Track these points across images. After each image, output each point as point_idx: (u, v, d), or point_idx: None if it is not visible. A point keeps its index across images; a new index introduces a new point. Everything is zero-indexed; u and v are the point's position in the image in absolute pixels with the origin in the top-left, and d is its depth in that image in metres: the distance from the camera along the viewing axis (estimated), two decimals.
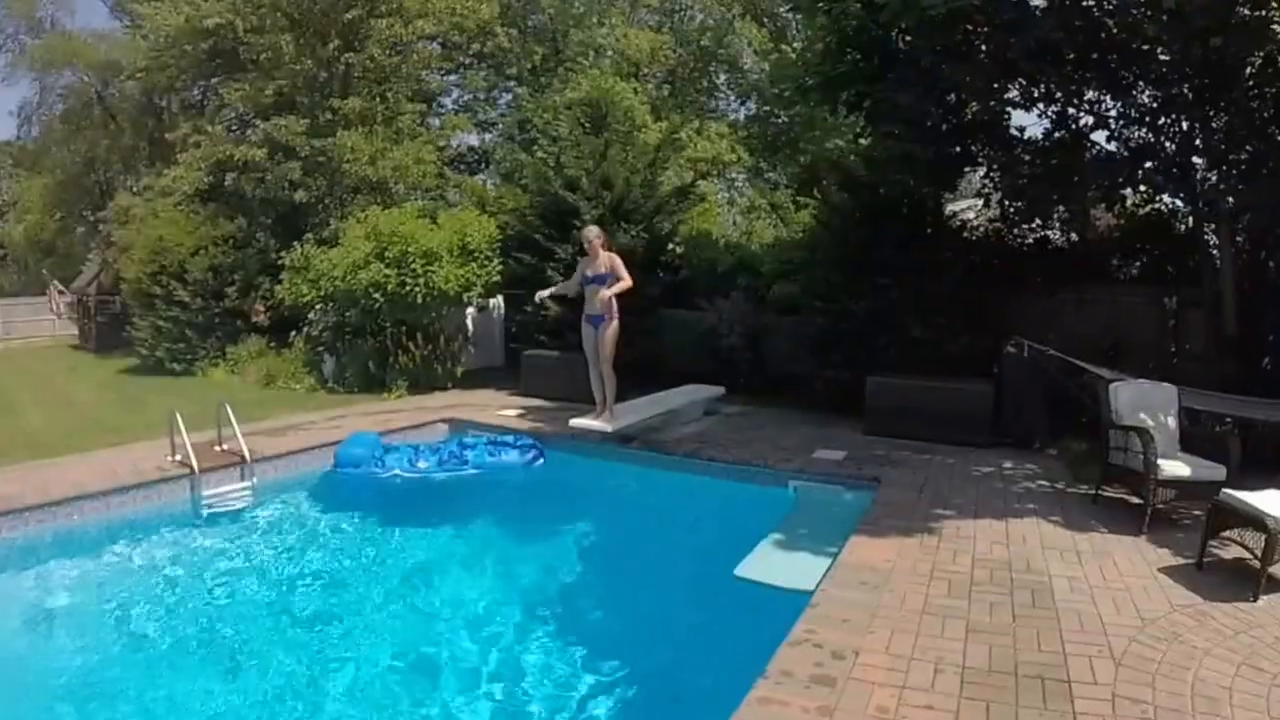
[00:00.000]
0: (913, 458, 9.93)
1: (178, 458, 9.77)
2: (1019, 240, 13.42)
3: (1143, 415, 8.00)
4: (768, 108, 27.34)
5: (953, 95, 10.90)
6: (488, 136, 29.46)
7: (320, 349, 18.26)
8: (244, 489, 9.76)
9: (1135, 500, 7.67)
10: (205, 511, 9.31)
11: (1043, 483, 8.95)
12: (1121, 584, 6.11)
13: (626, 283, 10.50)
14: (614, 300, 10.59)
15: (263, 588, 7.72)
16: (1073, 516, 7.71)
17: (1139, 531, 7.18)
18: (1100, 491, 8.21)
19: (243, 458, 9.90)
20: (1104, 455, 8.10)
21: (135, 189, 29.54)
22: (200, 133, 22.67)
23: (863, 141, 14.64)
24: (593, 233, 10.84)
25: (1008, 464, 9.65)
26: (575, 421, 11.01)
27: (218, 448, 10.22)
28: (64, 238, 40.89)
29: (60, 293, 39.20)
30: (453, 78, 28.97)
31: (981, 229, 13.76)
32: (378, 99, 21.98)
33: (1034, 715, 4.37)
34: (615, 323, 10.73)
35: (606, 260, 10.61)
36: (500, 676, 5.94)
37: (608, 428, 10.66)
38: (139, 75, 26.36)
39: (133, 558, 8.22)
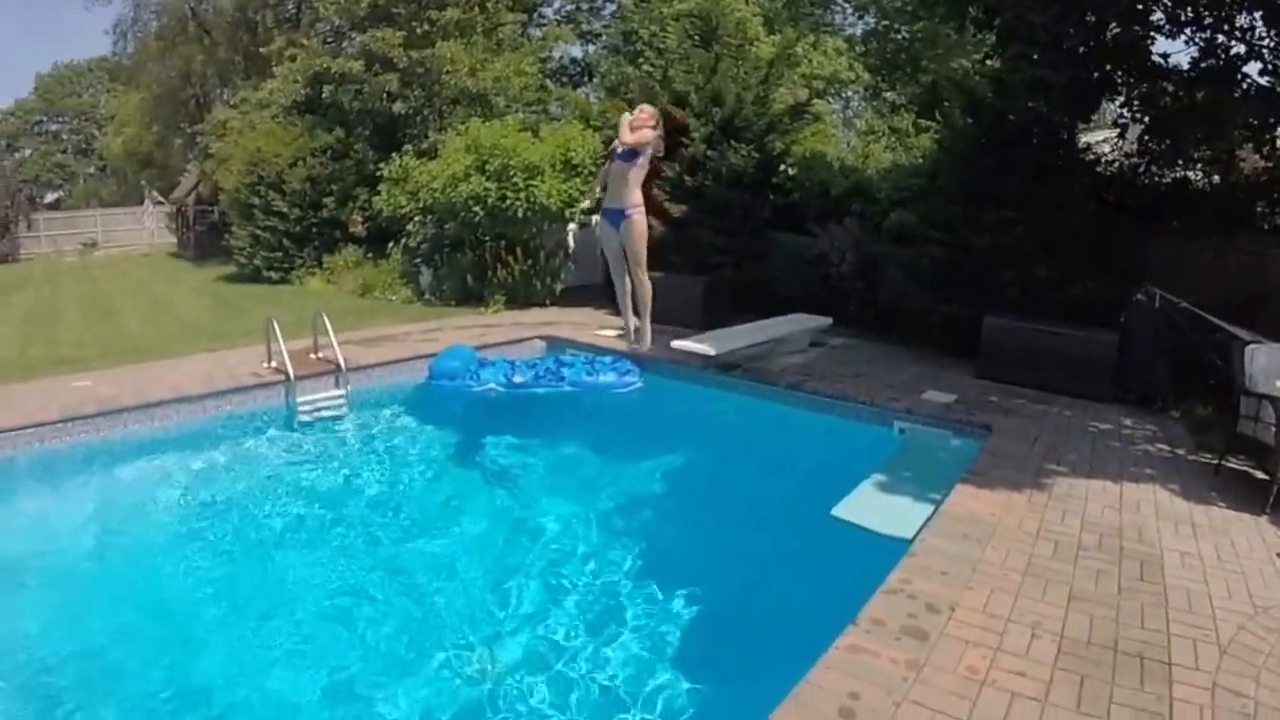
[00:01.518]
0: (1027, 406, 9.76)
1: (273, 364, 10.20)
2: (1156, 179, 12.71)
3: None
4: (887, 22, 26.45)
5: (1092, 15, 10.25)
6: (591, 49, 29.32)
7: (418, 261, 18.77)
8: (338, 397, 10.06)
9: (1261, 475, 7.41)
10: (300, 418, 9.65)
11: (1163, 446, 8.69)
12: (1237, 565, 5.96)
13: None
14: (639, 190, 8.63)
15: (354, 496, 8.03)
16: (1191, 487, 7.48)
17: (1262, 510, 6.88)
18: (1224, 462, 7.88)
19: (338, 366, 10.19)
20: (1232, 423, 7.75)
21: (231, 102, 30.33)
22: (295, 46, 23.41)
23: (991, 62, 14.16)
24: (648, 110, 8.73)
25: (1127, 422, 9.40)
26: (678, 343, 11.01)
27: (313, 356, 10.60)
28: (161, 150, 42.18)
29: (158, 203, 40.49)
30: None
31: (1116, 164, 13.10)
32: (476, 9, 21.99)
33: (1129, 696, 4.34)
34: (640, 216, 8.68)
35: (648, 135, 8.44)
36: (583, 599, 6.12)
37: (711, 350, 10.65)
38: None
39: (227, 461, 8.62)
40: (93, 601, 6.02)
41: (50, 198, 48.87)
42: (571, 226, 17.72)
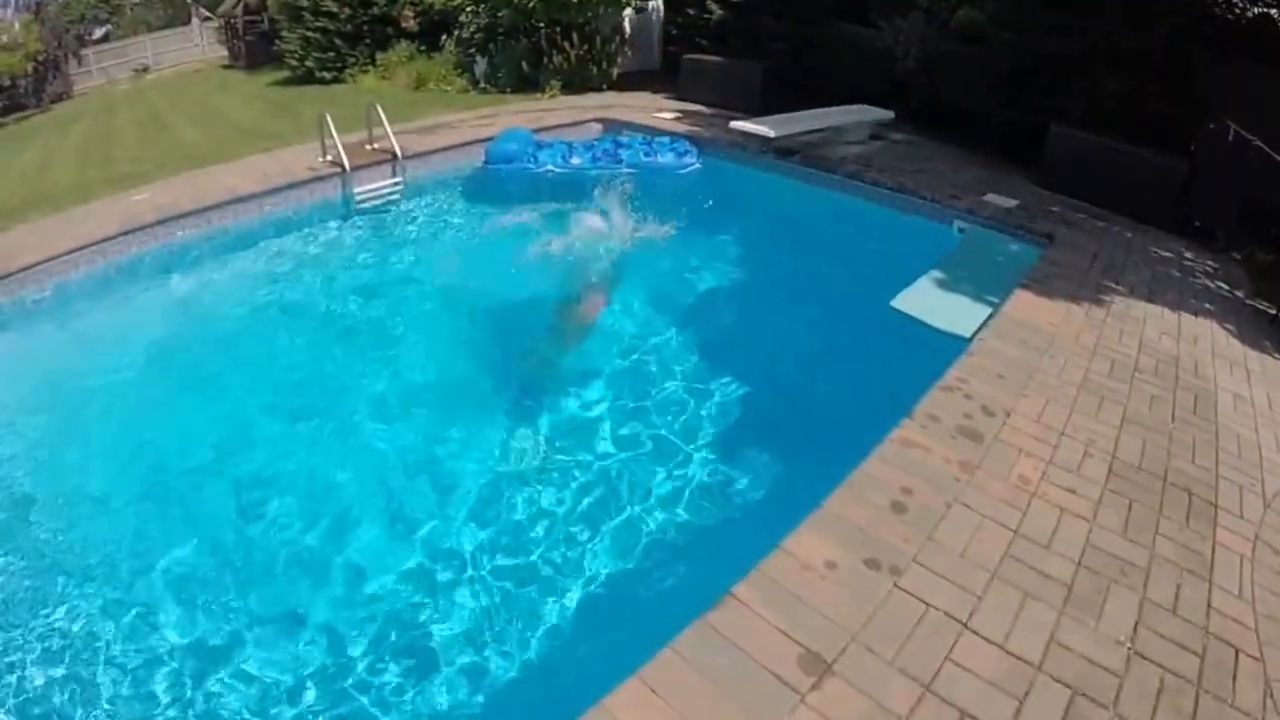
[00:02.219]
0: (1088, 222, 9.19)
1: (329, 158, 9.80)
2: (1238, 11, 11.44)
3: None
4: None
5: None
6: None
7: (472, 51, 17.98)
8: (395, 184, 9.80)
9: None
10: (358, 206, 9.39)
11: (1222, 285, 8.14)
12: None
13: None
14: None
15: (415, 279, 7.93)
16: (1248, 331, 6.99)
17: None
18: None
19: (394, 155, 9.86)
20: None
21: None
22: None
23: None
24: None
25: (1188, 254, 8.82)
26: (736, 123, 10.57)
27: (369, 146, 10.20)
28: None
29: (206, 19, 38.97)
30: None
31: None
32: None
33: (1174, 530, 4.11)
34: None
35: None
36: (641, 382, 5.99)
37: (770, 132, 10.16)
38: None
39: (286, 254, 8.43)
40: (170, 397, 5.95)
41: (99, 33, 47.11)
42: (628, 11, 16.77)
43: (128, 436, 5.42)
